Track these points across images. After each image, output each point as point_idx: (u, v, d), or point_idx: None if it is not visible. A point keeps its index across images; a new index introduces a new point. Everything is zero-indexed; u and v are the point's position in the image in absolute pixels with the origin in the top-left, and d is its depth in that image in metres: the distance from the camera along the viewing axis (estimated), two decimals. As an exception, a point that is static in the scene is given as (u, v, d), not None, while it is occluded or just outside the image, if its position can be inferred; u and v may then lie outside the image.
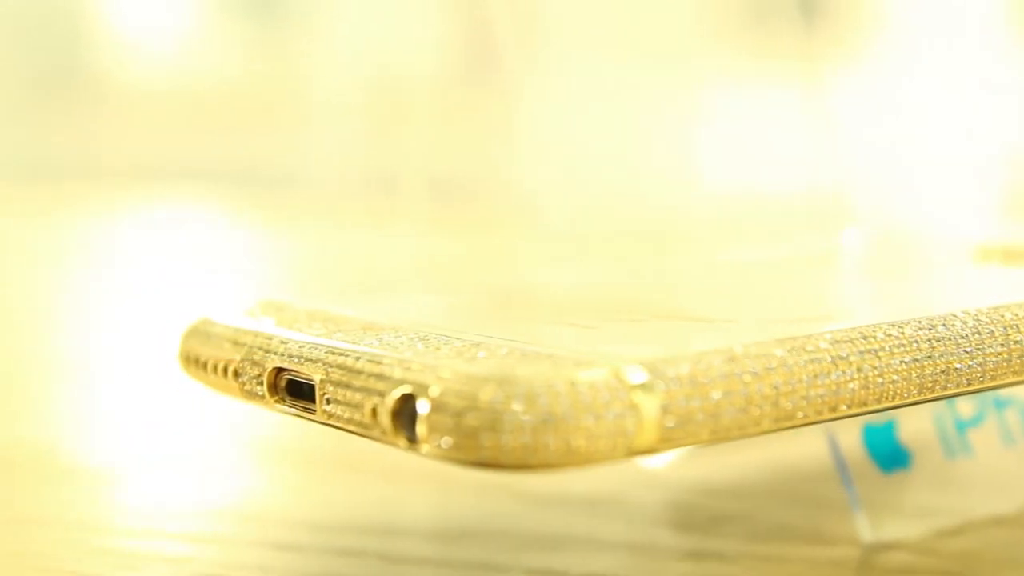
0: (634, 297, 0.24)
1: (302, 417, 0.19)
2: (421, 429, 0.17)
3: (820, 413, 0.18)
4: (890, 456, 0.23)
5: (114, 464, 0.28)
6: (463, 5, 1.34)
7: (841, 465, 0.23)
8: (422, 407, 0.17)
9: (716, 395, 0.18)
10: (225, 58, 1.51)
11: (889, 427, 0.23)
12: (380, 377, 0.18)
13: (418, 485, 0.26)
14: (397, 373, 0.18)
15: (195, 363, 0.22)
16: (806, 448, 0.26)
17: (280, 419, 0.21)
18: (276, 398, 0.20)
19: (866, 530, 0.23)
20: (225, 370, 0.21)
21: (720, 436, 0.18)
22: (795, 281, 0.26)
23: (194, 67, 1.54)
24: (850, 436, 0.23)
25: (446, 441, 0.17)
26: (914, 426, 0.23)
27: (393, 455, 0.21)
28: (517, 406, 0.16)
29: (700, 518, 0.24)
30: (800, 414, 0.18)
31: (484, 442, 0.16)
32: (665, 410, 0.17)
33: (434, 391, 0.17)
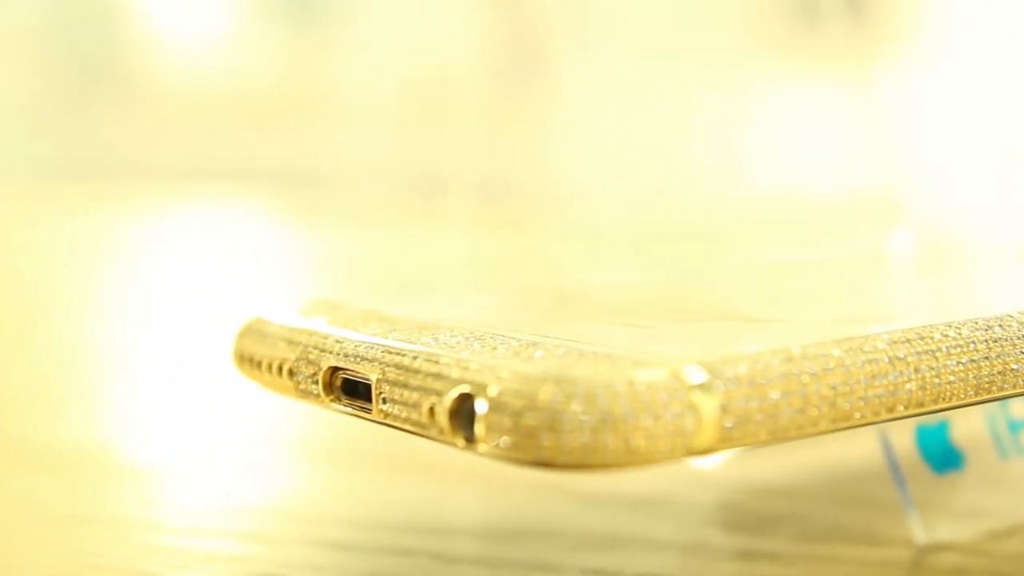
0: (687, 297, 0.24)
1: (357, 416, 0.19)
2: (479, 429, 0.17)
3: (877, 414, 0.18)
4: (943, 457, 0.23)
5: (166, 463, 0.28)
6: (503, 3, 1.34)
7: (894, 466, 0.23)
8: (480, 407, 0.17)
9: (774, 395, 0.17)
10: (262, 58, 1.51)
11: (942, 428, 0.23)
12: (438, 376, 0.18)
13: (469, 485, 0.26)
14: (455, 373, 0.18)
15: (249, 362, 0.22)
16: (858, 449, 0.25)
17: (332, 418, 0.21)
18: (331, 397, 0.20)
19: (919, 531, 0.22)
20: (280, 369, 0.21)
21: (778, 436, 0.18)
22: (846, 281, 0.26)
23: (231, 67, 1.54)
24: (903, 437, 0.23)
25: (504, 441, 0.17)
26: (967, 427, 0.23)
27: (444, 454, 0.21)
28: (576, 406, 0.16)
29: (751, 518, 0.24)
30: (857, 415, 0.18)
31: (543, 442, 0.16)
32: (724, 410, 0.17)
33: (493, 391, 0.17)
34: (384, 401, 0.19)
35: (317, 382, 0.20)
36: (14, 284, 0.54)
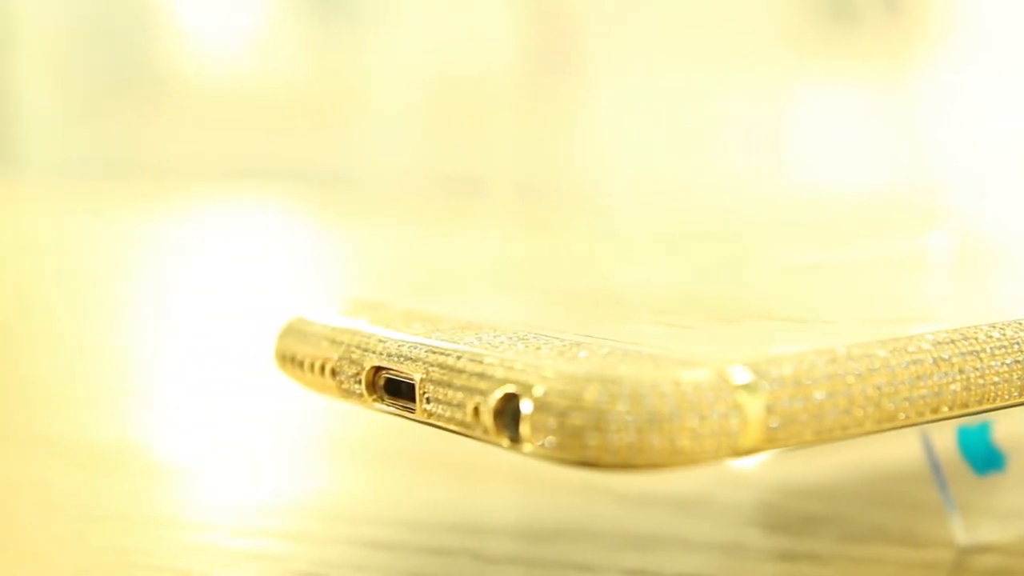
0: (726, 296, 0.24)
1: (400, 416, 0.20)
2: (524, 429, 0.17)
3: (922, 415, 0.18)
4: (984, 458, 0.23)
5: (205, 462, 0.28)
6: (535, 2, 1.34)
7: (935, 467, 0.23)
8: (525, 407, 0.17)
9: (819, 396, 0.17)
10: (293, 58, 1.52)
11: (984, 429, 0.23)
12: (482, 376, 0.18)
13: (508, 485, 0.26)
14: (499, 372, 0.18)
15: (291, 361, 0.22)
16: (898, 449, 0.25)
17: (372, 418, 0.21)
18: (374, 397, 0.20)
19: (960, 532, 0.22)
20: (322, 368, 0.21)
21: (823, 437, 0.18)
22: (885, 282, 0.26)
23: (262, 67, 1.54)
24: (944, 438, 0.23)
25: (550, 441, 0.17)
26: (1009, 428, 0.23)
27: (484, 454, 0.21)
28: (622, 406, 0.16)
29: (792, 519, 0.24)
30: (902, 415, 0.18)
31: (589, 442, 0.16)
32: (769, 410, 0.17)
33: (538, 391, 0.17)
34: (428, 401, 0.19)
35: (360, 382, 0.20)
36: (50, 282, 0.54)
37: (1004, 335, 0.19)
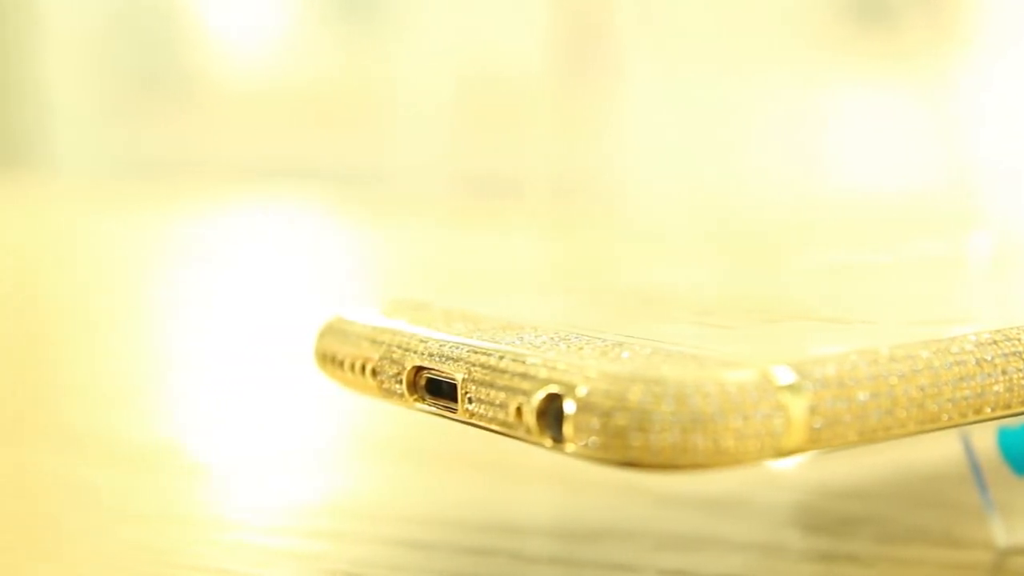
0: (766, 297, 0.24)
1: (442, 416, 0.20)
2: (567, 429, 0.17)
3: (964, 416, 0.18)
4: (1024, 459, 0.23)
5: (242, 461, 0.29)
6: (568, 2, 1.34)
7: (975, 468, 0.23)
8: (569, 407, 0.17)
9: (863, 396, 0.17)
10: (323, 58, 1.52)
11: (1024, 430, 0.23)
12: (525, 376, 0.18)
13: (546, 485, 0.26)
14: (542, 373, 0.18)
15: (331, 361, 0.22)
16: (938, 450, 0.25)
17: (410, 418, 0.21)
18: (415, 397, 0.20)
19: (1000, 534, 0.22)
20: (363, 368, 0.21)
21: (866, 438, 0.18)
22: (925, 282, 0.26)
23: (292, 67, 1.55)
24: (984, 438, 0.23)
25: (593, 441, 0.17)
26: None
27: (521, 454, 0.21)
28: (666, 406, 0.16)
29: (830, 520, 0.24)
30: (945, 416, 0.18)
31: (632, 442, 0.16)
32: (813, 411, 0.17)
33: (581, 391, 0.17)
34: (470, 401, 0.19)
35: (401, 381, 0.20)
36: (83, 282, 0.54)
37: (1047, 336, 0.19)
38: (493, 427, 0.18)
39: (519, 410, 0.18)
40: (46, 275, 0.57)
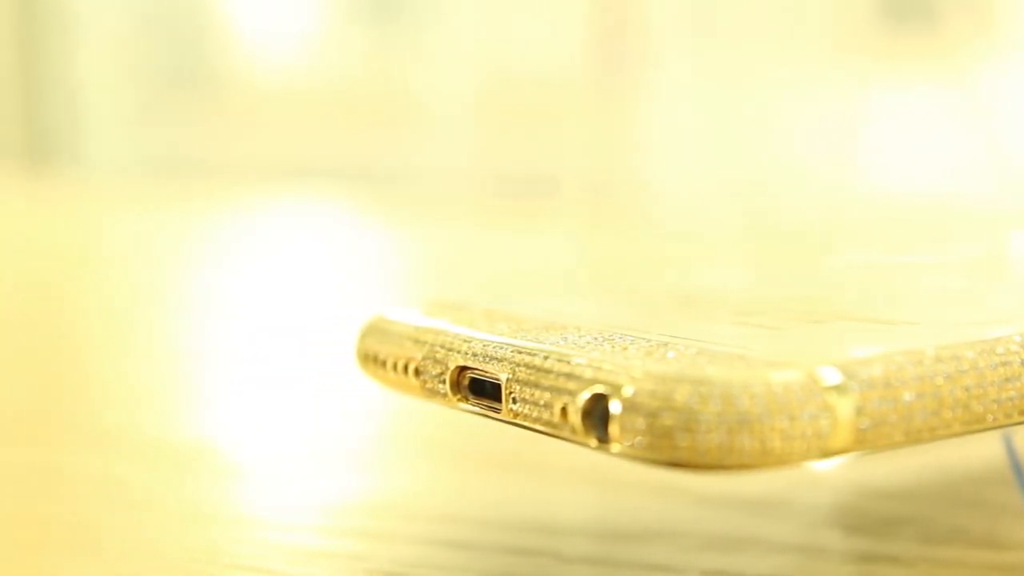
0: (809, 297, 0.24)
1: (485, 416, 0.20)
2: (613, 429, 0.17)
3: (1009, 416, 0.18)
4: (1067, 460, 0.23)
5: (284, 461, 0.29)
6: (591, 3, 1.34)
7: (1017, 468, 0.23)
8: (615, 407, 0.17)
9: (908, 397, 0.17)
10: (355, 58, 1.52)
11: (1067, 431, 0.23)
12: (570, 376, 0.18)
13: (588, 485, 0.26)
14: (588, 373, 0.18)
15: (374, 360, 0.22)
16: (979, 451, 0.25)
17: (451, 417, 0.21)
18: (458, 397, 0.20)
19: (1042, 535, 0.22)
20: (406, 368, 0.21)
21: (912, 439, 0.18)
22: (967, 283, 0.26)
23: (323, 67, 1.55)
24: (1025, 439, 0.23)
25: (639, 441, 0.17)
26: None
27: (562, 454, 0.21)
28: (713, 407, 0.16)
29: (871, 521, 0.24)
30: (990, 417, 0.18)
31: (679, 442, 0.16)
32: (859, 411, 0.17)
33: (627, 391, 0.17)
34: (514, 401, 0.19)
35: (444, 381, 0.20)
36: (119, 281, 0.54)
37: (1092, 336, 0.19)
38: (537, 427, 0.18)
39: (564, 410, 0.18)
40: (78, 272, 0.57)
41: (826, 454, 0.17)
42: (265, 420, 0.32)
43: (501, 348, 0.19)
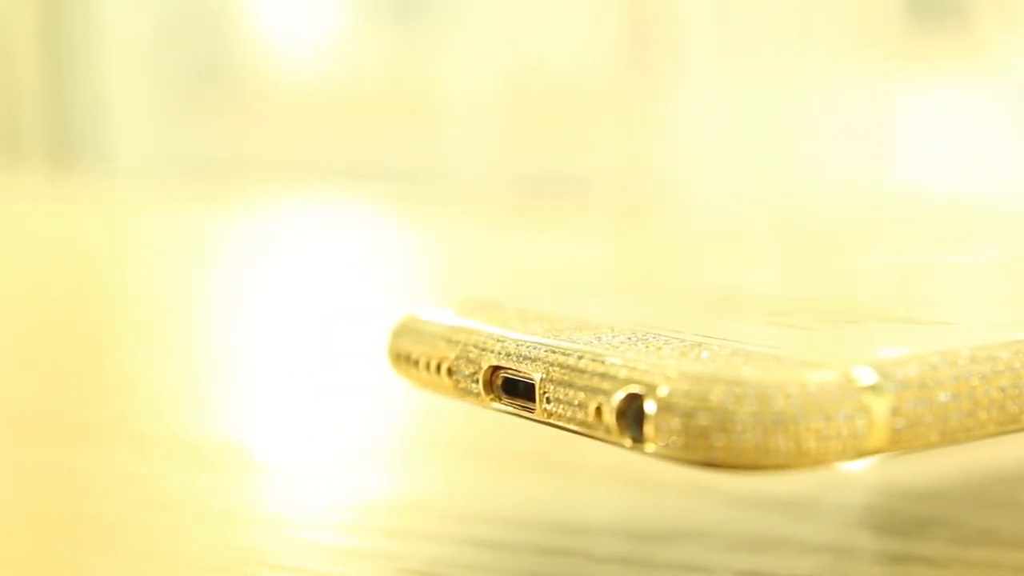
0: (839, 297, 0.24)
1: (518, 416, 0.20)
2: (648, 429, 0.17)
3: (1044, 417, 0.18)
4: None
5: (315, 460, 0.29)
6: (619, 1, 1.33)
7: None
8: (650, 407, 0.17)
9: (944, 397, 0.17)
10: (376, 57, 1.52)
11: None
12: (605, 376, 0.18)
13: (619, 485, 0.26)
14: (622, 373, 0.18)
15: (406, 360, 0.22)
16: (1011, 451, 0.25)
17: (483, 417, 0.21)
18: (492, 396, 0.20)
19: (1075, 537, 0.22)
20: (438, 367, 0.21)
21: (947, 439, 0.18)
22: (999, 284, 0.26)
23: (346, 67, 1.55)
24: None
25: (674, 441, 0.17)
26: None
27: (593, 454, 0.21)
28: (749, 407, 0.16)
29: (903, 522, 0.24)
30: (1025, 417, 0.18)
31: (714, 443, 0.17)
32: (895, 412, 0.17)
33: (662, 391, 0.17)
34: (548, 401, 0.19)
35: (477, 381, 0.20)
36: (143, 280, 0.54)
37: None
38: (571, 427, 0.18)
39: (599, 410, 0.18)
40: (105, 272, 0.57)
41: (861, 455, 0.17)
42: (297, 419, 0.32)
43: (535, 348, 0.19)
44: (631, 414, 0.17)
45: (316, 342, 0.41)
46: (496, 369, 0.20)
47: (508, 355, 0.20)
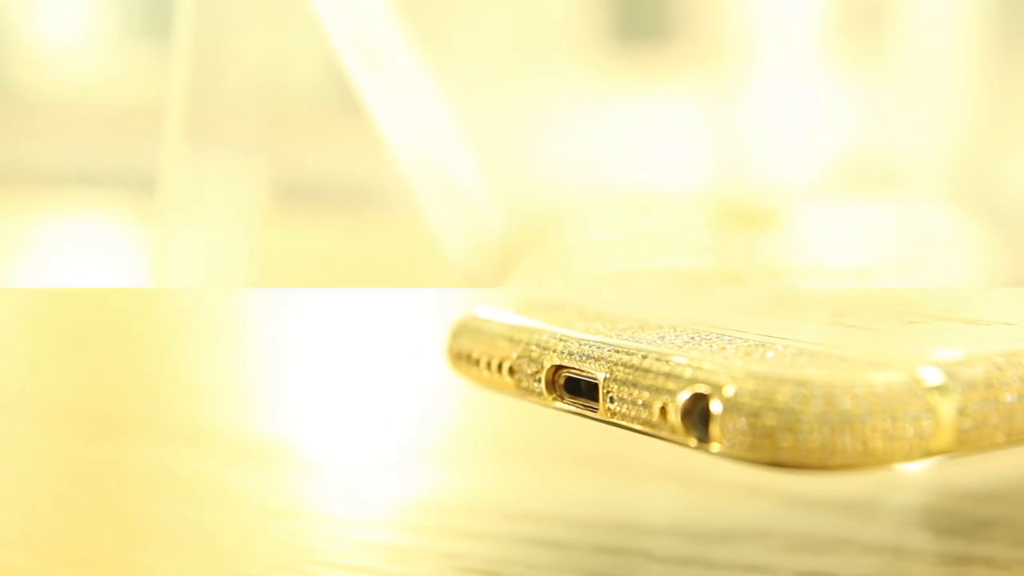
0: (900, 298, 0.24)
1: (581, 415, 0.20)
2: (714, 429, 0.17)
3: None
4: None
5: (375, 459, 0.29)
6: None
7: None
8: (716, 407, 0.17)
9: (1010, 398, 0.17)
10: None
11: None
12: (670, 376, 0.18)
13: (678, 485, 0.26)
14: (687, 372, 0.18)
15: (466, 359, 0.22)
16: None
17: (543, 416, 0.21)
18: (554, 396, 0.20)
19: None
20: (500, 367, 0.21)
21: (1013, 440, 0.17)
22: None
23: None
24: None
25: (740, 441, 0.17)
26: None
27: (652, 454, 0.21)
28: (815, 407, 0.16)
29: (964, 522, 0.24)
30: (1089, 419, 0.18)
31: (781, 443, 0.16)
32: (961, 412, 0.17)
33: (728, 391, 0.17)
34: (612, 400, 0.19)
35: (540, 380, 0.20)
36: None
37: None
38: (635, 427, 0.18)
39: (663, 410, 0.18)
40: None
41: (927, 455, 0.17)
42: (355, 418, 0.32)
43: (598, 347, 0.19)
44: (697, 414, 0.17)
45: (375, 340, 0.41)
46: (559, 368, 0.20)
47: (571, 354, 0.20)
